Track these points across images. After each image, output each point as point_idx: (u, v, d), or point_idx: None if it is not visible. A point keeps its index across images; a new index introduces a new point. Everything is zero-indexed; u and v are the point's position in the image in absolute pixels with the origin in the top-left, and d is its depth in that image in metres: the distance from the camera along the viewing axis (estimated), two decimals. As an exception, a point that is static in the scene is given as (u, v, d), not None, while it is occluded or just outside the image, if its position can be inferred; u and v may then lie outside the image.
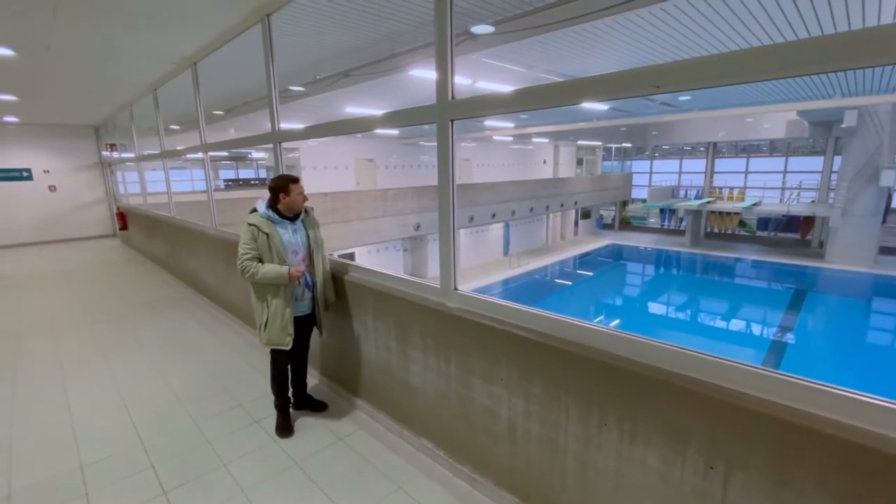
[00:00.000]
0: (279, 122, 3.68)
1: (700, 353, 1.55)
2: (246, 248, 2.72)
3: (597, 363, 1.78)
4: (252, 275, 2.70)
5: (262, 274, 2.69)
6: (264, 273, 2.70)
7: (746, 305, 15.18)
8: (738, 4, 3.37)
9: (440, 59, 2.22)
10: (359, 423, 3.08)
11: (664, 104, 9.72)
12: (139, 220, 9.24)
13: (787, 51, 1.28)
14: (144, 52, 4.79)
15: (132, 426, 3.13)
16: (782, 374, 1.39)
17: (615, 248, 23.19)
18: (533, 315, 2.05)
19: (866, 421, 1.24)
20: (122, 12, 3.59)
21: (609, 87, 1.66)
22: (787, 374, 1.39)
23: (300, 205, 2.84)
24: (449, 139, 2.28)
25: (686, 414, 1.55)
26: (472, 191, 15.62)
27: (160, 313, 5.58)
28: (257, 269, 2.70)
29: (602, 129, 18.99)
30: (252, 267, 2.69)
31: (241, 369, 3.97)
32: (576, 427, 1.91)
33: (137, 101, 7.42)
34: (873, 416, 1.24)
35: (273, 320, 2.80)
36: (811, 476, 1.31)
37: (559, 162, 25.23)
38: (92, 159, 12.29)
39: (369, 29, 4.22)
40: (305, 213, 2.95)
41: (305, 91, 6.77)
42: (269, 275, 2.70)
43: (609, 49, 4.81)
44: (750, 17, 3.58)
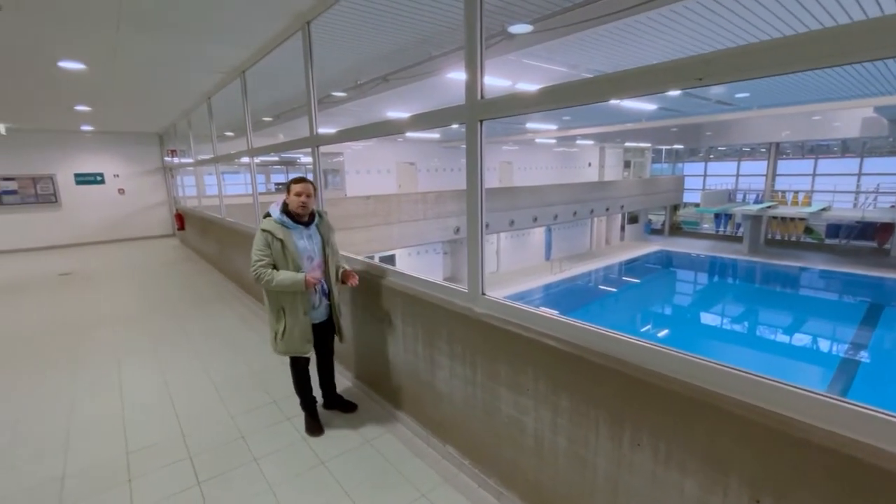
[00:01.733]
0: (317, 126, 3.76)
1: (749, 374, 1.40)
2: (259, 254, 2.66)
3: (630, 378, 1.65)
4: (267, 282, 2.64)
5: (277, 281, 2.63)
6: (280, 280, 2.64)
7: (813, 319, 13.97)
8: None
9: (469, 58, 2.16)
10: (386, 427, 3.06)
11: (720, 102, 9.13)
12: (194, 221, 9.82)
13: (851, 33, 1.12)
14: (198, 63, 5.08)
15: (175, 416, 3.29)
16: (848, 402, 1.22)
17: (665, 254, 22.10)
18: (562, 324, 1.95)
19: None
20: (177, 26, 3.81)
21: (644, 82, 1.54)
22: (855, 403, 1.21)
23: (297, 206, 2.74)
24: (478, 140, 2.22)
25: (728, 440, 1.40)
26: (514, 194, 15.41)
27: (207, 309, 5.88)
28: (272, 276, 2.63)
29: (651, 131, 18.17)
30: (266, 274, 2.63)
31: (277, 366, 4.07)
32: (606, 444, 1.78)
33: (194, 109, 7.90)
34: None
35: (292, 329, 2.76)
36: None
37: (605, 165, 24.41)
38: (155, 164, 13.26)
39: (406, 32, 4.24)
40: (320, 218, 2.91)
41: (347, 96, 6.94)
42: (284, 282, 2.64)
43: (659, 43, 4.57)
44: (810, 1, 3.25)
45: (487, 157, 11.19)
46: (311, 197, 2.77)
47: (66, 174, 11.95)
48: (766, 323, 14.07)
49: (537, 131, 15.22)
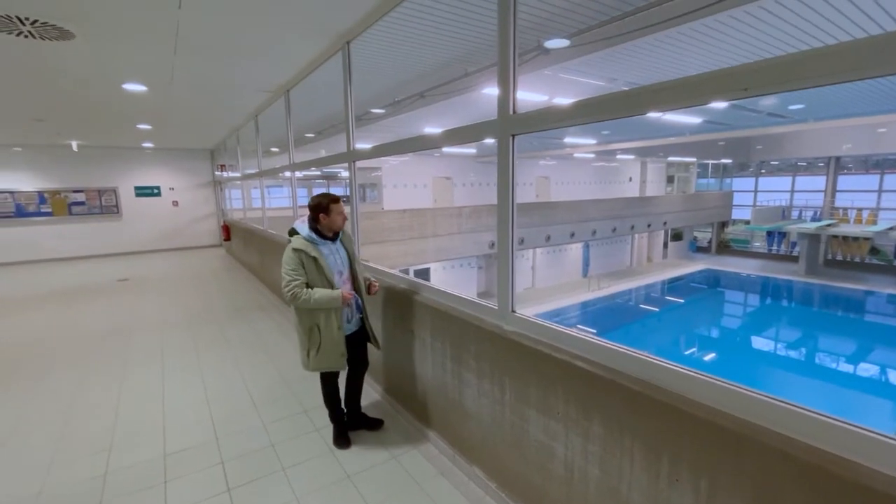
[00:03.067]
0: (354, 142, 3.86)
1: (808, 411, 1.27)
2: (293, 273, 2.63)
3: (668, 407, 1.54)
4: (304, 301, 2.61)
5: (315, 300, 2.62)
6: (318, 299, 2.62)
7: (881, 347, 12.79)
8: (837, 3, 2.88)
9: (502, 72, 2.16)
10: (413, 443, 3.03)
11: (772, 115, 8.67)
12: (239, 232, 10.28)
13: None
14: (247, 83, 5.36)
15: (211, 421, 3.39)
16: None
17: (711, 273, 21.00)
18: (594, 345, 1.86)
19: None
20: (228, 49, 4.04)
21: (684, 94, 1.47)
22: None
23: (340, 225, 2.78)
24: (509, 154, 2.19)
25: (782, 484, 1.27)
26: (550, 209, 15.19)
27: (247, 316, 6.09)
28: (310, 295, 2.61)
29: (696, 145, 17.48)
30: (303, 294, 2.61)
31: (309, 376, 4.12)
32: (641, 477, 1.67)
33: (243, 126, 8.33)
34: None
35: (326, 345, 2.76)
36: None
37: (646, 180, 23.67)
38: (207, 178, 14.07)
39: (443, 50, 4.31)
40: (342, 232, 2.92)
41: (386, 113, 7.12)
42: (322, 300, 2.63)
43: (699, 54, 4.41)
44: (855, 10, 3.02)
45: (523, 171, 11.26)
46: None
47: (126, 187, 12.89)
48: (826, 350, 13.01)
49: (575, 146, 15.00)
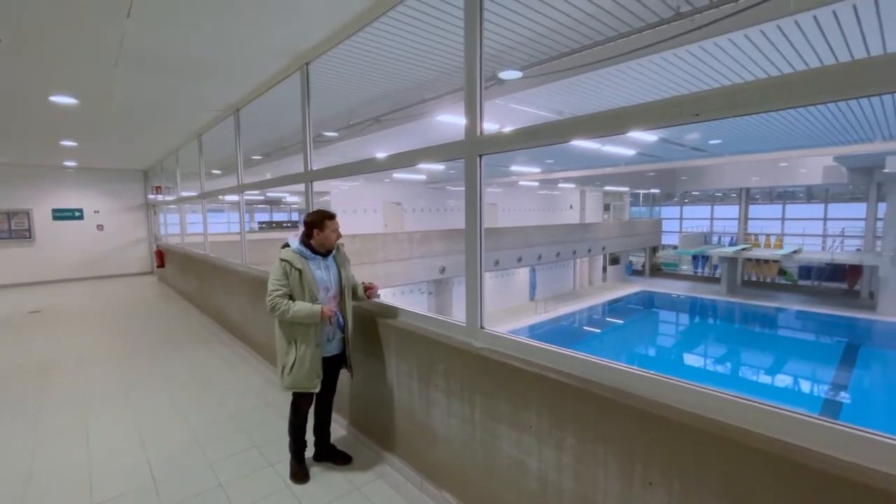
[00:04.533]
0: (312, 162, 3.79)
1: (768, 406, 1.38)
2: (277, 284, 2.62)
3: (639, 412, 1.61)
4: (283, 312, 2.58)
5: (293, 312, 2.57)
6: (296, 311, 2.58)
7: (793, 360, 14.14)
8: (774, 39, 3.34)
9: (469, 94, 2.24)
10: (378, 472, 2.89)
11: (694, 149, 9.63)
12: (175, 258, 9.59)
13: (834, 74, 1.21)
14: (195, 100, 5.14)
15: (147, 465, 3.05)
16: (869, 432, 1.21)
17: (646, 295, 22.40)
18: (566, 357, 1.92)
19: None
20: (178, 65, 3.88)
21: (645, 118, 1.61)
22: (875, 433, 1.20)
23: (333, 242, 2.77)
24: (477, 174, 2.26)
25: (749, 475, 1.35)
26: (498, 235, 15.62)
27: (185, 349, 5.62)
28: (289, 306, 2.58)
29: (629, 175, 18.92)
30: (283, 304, 2.58)
31: (260, 409, 3.87)
32: (616, 485, 1.71)
33: (184, 146, 7.91)
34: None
35: (301, 362, 2.66)
36: (910, 558, 1.09)
37: (585, 207, 25.14)
38: (138, 201, 13.08)
39: (401, 76, 4.41)
40: (336, 250, 2.88)
41: (339, 136, 7.08)
42: (300, 313, 2.58)
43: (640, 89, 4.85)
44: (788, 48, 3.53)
45: None
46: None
47: (43, 209, 11.65)
48: (748, 364, 14.17)
49: (521, 174, 15.67)
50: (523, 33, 3.48)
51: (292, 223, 21.43)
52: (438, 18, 3.18)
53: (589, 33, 3.40)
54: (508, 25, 3.35)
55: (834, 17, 2.95)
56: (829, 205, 20.20)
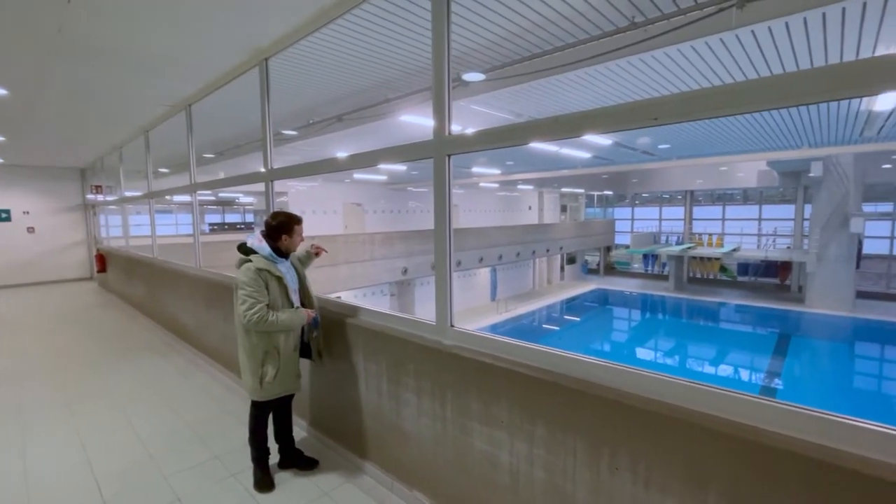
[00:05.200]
0: (272, 161, 3.68)
1: (718, 389, 1.48)
2: (256, 295, 2.48)
3: (605, 401, 1.69)
4: (271, 323, 2.49)
5: (281, 321, 2.52)
6: (283, 320, 2.53)
7: (733, 350, 15.17)
8: (731, 47, 3.59)
9: (437, 94, 2.26)
10: (346, 476, 2.85)
11: (645, 153, 10.15)
12: (119, 262, 8.98)
13: (776, 83, 1.33)
14: (141, 95, 4.85)
15: (94, 484, 2.84)
16: (803, 408, 1.33)
17: (601, 292, 23.30)
18: (535, 351, 1.97)
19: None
20: (123, 55, 3.64)
21: (607, 121, 1.70)
22: (807, 408, 1.33)
23: (297, 247, 2.76)
24: (446, 174, 2.28)
25: (705, 455, 1.45)
26: (460, 235, 15.75)
27: (135, 359, 5.28)
28: (276, 317, 2.51)
29: (584, 177, 19.64)
30: (269, 315, 2.48)
31: (218, 417, 3.71)
32: (585, 473, 1.78)
33: (128, 143, 7.44)
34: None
35: (286, 367, 2.66)
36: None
37: (544, 208, 25.83)
38: (75, 201, 12.12)
39: (365, 76, 4.36)
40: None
41: (298, 135, 6.90)
42: (288, 321, 2.55)
43: (597, 94, 5.06)
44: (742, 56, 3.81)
45: (432, 199, 11.36)
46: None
47: (-38, 211, 10.57)
48: (694, 356, 15.06)
49: (482, 175, 15.88)
50: (487, 36, 3.55)
51: (246, 225, 20.63)
52: (403, 18, 3.18)
53: (549, 38, 3.52)
54: (472, 28, 3.41)
55: (769, 32, 3.23)
56: (763, 206, 21.86)
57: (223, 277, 4.49)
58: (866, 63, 1.18)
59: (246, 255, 2.61)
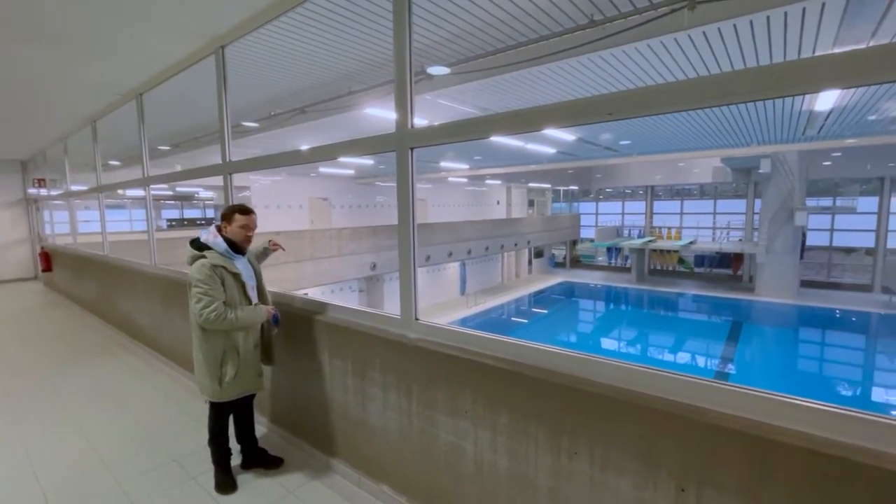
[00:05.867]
0: (230, 153, 3.56)
1: (669, 373, 1.56)
2: (214, 293, 2.38)
3: (564, 388, 1.74)
4: (230, 322, 2.40)
5: (241, 319, 2.44)
6: (243, 318, 2.45)
7: (691, 338, 15.94)
8: (685, 47, 3.74)
9: (399, 87, 2.25)
10: (312, 473, 2.82)
11: (607, 149, 10.45)
12: (66, 260, 8.46)
13: (721, 81, 1.40)
14: (86, 82, 4.56)
15: (41, 495, 2.69)
16: (748, 389, 1.42)
17: (568, 285, 23.91)
18: (498, 342, 2.01)
19: (834, 432, 1.26)
20: (66, 37, 3.41)
21: (566, 115, 1.74)
22: (752, 389, 1.41)
23: (241, 238, 2.58)
24: (409, 167, 2.27)
25: (656, 435, 1.53)
26: (429, 230, 15.73)
27: (85, 361, 5.00)
28: (235, 314, 2.42)
29: (551, 172, 20.04)
30: (227, 313, 2.39)
31: (178, 419, 3.58)
32: (546, 458, 1.83)
33: (73, 133, 6.99)
34: (840, 427, 1.26)
35: (246, 366, 2.57)
36: (783, 495, 1.30)
37: (511, 203, 26.15)
38: (15, 196, 11.28)
39: (328, 67, 4.27)
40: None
41: (260, 127, 6.69)
42: (248, 319, 2.47)
43: (558, 90, 5.16)
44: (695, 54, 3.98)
45: None
46: (254, 229, 2.64)
47: None
48: (655, 344, 15.72)
49: (450, 170, 15.90)
50: (450, 29, 3.54)
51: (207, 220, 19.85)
52: (365, 9, 3.13)
53: (512, 34, 3.55)
54: (436, 21, 3.39)
55: (719, 33, 3.39)
56: (718, 201, 22.97)
57: (180, 275, 4.31)
58: (805, 63, 1.26)
59: (199, 250, 2.50)
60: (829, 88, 1.30)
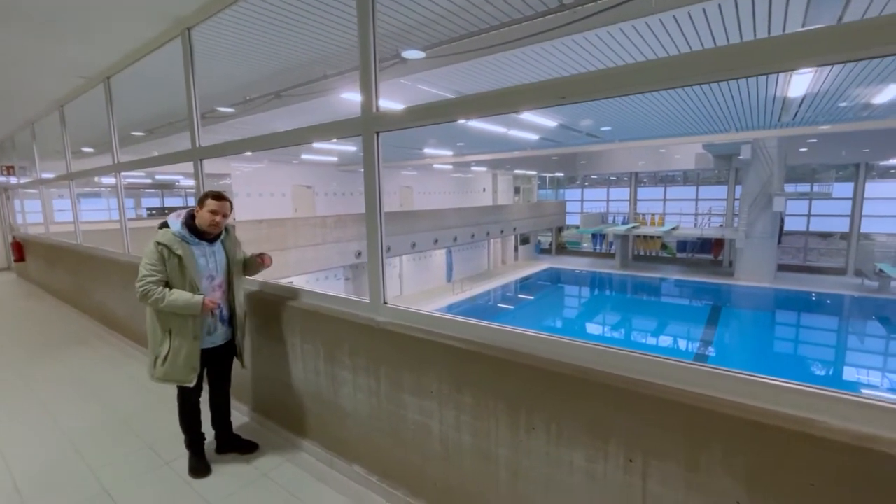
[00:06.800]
0: (200, 139, 3.50)
1: (611, 348, 1.62)
2: (151, 269, 2.37)
3: (522, 367, 1.79)
4: (156, 301, 2.35)
5: (168, 301, 2.36)
6: (172, 301, 2.36)
7: (673, 322, 16.28)
8: (656, 30, 3.76)
9: (364, 69, 2.23)
10: (286, 456, 2.85)
11: (589, 135, 10.49)
12: (39, 250, 8.27)
13: (671, 63, 1.42)
14: (50, 64, 4.41)
15: (12, 484, 2.68)
16: (687, 363, 1.48)
17: (553, 271, 24.14)
18: (462, 324, 2.05)
19: (760, 399, 1.34)
20: (22, 17, 3.29)
21: (520, 99, 1.75)
22: (685, 361, 1.48)
23: (212, 226, 2.51)
24: (374, 152, 2.27)
25: (605, 409, 1.58)
26: (415, 217, 15.70)
27: (59, 351, 4.94)
28: (163, 294, 2.36)
29: (536, 159, 20.06)
30: (157, 292, 2.35)
31: (153, 406, 3.58)
32: (506, 434, 1.89)
33: (41, 119, 6.77)
34: (765, 394, 1.33)
35: (175, 354, 2.46)
36: (717, 462, 1.37)
37: (498, 190, 26.17)
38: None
39: (298, 50, 4.20)
40: (226, 233, 2.68)
41: (236, 112, 6.56)
42: (177, 303, 2.37)
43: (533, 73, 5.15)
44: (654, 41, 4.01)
45: (388, 180, 11.51)
46: (226, 217, 2.56)
47: None
48: (638, 329, 16.04)
49: (435, 156, 15.82)
50: (425, 14, 3.50)
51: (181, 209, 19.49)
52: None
53: (486, 17, 3.53)
54: (410, 5, 3.35)
55: (689, 17, 3.41)
56: (701, 187, 23.28)
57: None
58: (768, 42, 1.28)
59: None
60: (789, 69, 1.32)
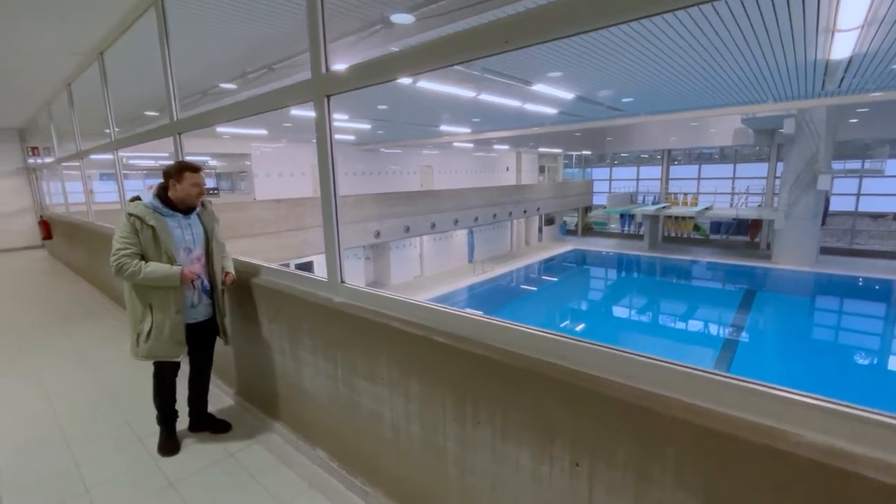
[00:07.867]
0: (178, 112, 3.40)
1: (560, 336, 1.40)
2: (124, 241, 2.31)
3: (468, 354, 1.60)
4: (132, 274, 2.28)
5: (145, 273, 2.29)
6: (149, 273, 2.30)
7: (703, 306, 15.58)
8: None
9: (312, 24, 2.03)
10: (256, 437, 2.79)
11: (611, 108, 9.88)
12: (62, 228, 8.59)
13: None
14: (47, 43, 4.41)
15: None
16: (642, 356, 1.25)
17: (579, 253, 23.52)
18: (408, 305, 1.87)
19: (724, 404, 1.10)
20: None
21: (461, 45, 1.51)
22: (644, 355, 1.24)
23: (194, 198, 2.47)
24: (326, 116, 2.08)
25: (551, 405, 1.38)
26: (434, 197, 15.48)
27: (68, 326, 5.10)
28: (139, 267, 2.29)
29: (560, 136, 19.29)
30: (132, 265, 2.28)
31: (141, 383, 3.59)
32: (453, 426, 1.72)
33: (55, 99, 6.91)
34: (726, 398, 1.10)
35: (159, 329, 2.41)
36: (669, 470, 1.15)
37: (521, 169, 25.49)
38: (16, 164, 11.42)
39: (286, 17, 4.00)
40: (202, 207, 2.61)
41: (237, 88, 6.47)
42: (154, 274, 2.31)
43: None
44: None
45: (408, 160, 11.32)
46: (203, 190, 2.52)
47: None
48: (666, 312, 15.44)
49: (453, 134, 15.45)
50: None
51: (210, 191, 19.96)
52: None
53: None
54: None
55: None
56: (738, 165, 21.89)
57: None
58: None
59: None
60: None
